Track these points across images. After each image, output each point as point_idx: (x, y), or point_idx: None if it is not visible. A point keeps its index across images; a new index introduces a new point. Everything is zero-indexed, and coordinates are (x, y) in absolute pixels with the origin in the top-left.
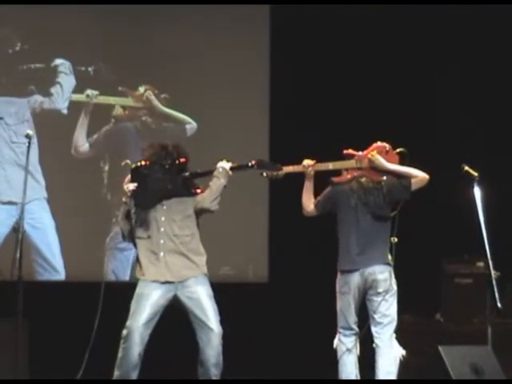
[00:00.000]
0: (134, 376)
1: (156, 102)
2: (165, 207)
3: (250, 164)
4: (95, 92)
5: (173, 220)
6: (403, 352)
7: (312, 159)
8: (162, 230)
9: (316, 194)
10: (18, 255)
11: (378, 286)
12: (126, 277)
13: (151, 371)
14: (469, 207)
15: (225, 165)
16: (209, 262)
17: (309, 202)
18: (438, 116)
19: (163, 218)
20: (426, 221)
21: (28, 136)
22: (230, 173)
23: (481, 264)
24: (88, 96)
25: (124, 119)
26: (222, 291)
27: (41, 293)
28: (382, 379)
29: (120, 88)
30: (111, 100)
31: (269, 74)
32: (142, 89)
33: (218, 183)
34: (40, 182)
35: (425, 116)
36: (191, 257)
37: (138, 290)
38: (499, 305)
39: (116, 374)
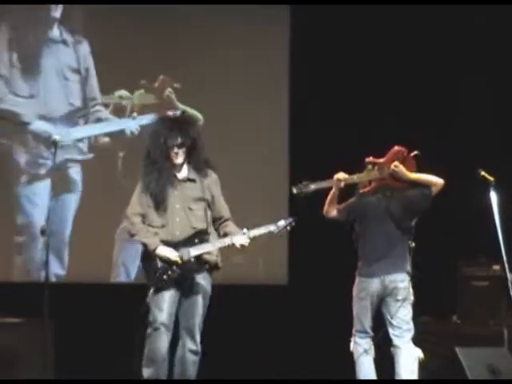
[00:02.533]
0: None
1: (175, 101)
2: None
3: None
4: (127, 93)
5: None
6: (421, 354)
7: (331, 165)
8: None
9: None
10: (44, 257)
11: (398, 293)
12: (135, 269)
13: None
14: (485, 211)
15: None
16: (226, 261)
17: (332, 208)
18: (455, 120)
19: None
20: (444, 224)
21: (54, 142)
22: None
23: (497, 267)
24: (121, 97)
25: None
26: (241, 293)
27: (66, 294)
28: (396, 379)
29: (142, 81)
30: (135, 99)
31: (288, 74)
32: (160, 78)
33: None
34: None
35: (442, 120)
36: None
37: None
38: None
39: None
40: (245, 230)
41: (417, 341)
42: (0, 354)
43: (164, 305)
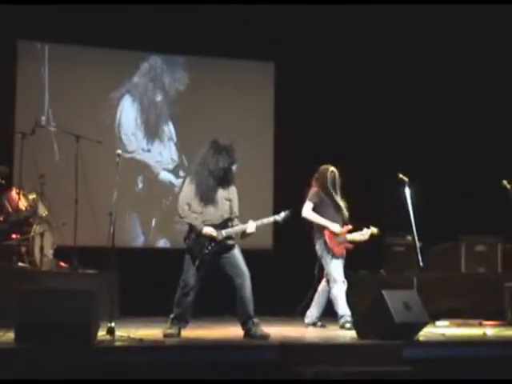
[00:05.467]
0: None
1: None
2: None
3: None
4: None
5: None
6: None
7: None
8: None
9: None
10: (111, 230)
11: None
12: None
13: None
14: (402, 200)
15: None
16: None
17: None
18: (387, 141)
19: None
20: (375, 209)
21: (118, 155)
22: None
23: (410, 238)
24: None
25: None
26: None
27: (128, 254)
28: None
29: None
30: None
31: (273, 113)
32: None
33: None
34: None
35: (377, 140)
36: None
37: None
38: (421, 264)
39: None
40: (256, 222)
41: (359, 286)
42: (83, 295)
43: (194, 271)
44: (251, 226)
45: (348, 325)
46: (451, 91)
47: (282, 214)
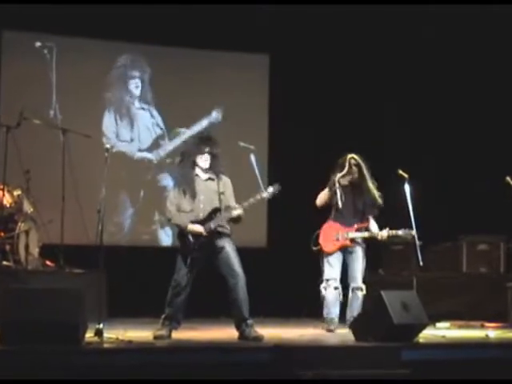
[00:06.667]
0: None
1: None
2: None
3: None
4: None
5: None
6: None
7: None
8: None
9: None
10: (100, 228)
11: None
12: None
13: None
14: (402, 197)
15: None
16: None
17: None
18: (387, 139)
19: None
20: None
21: (107, 150)
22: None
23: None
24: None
25: None
26: None
27: (116, 253)
28: None
29: None
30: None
31: (268, 105)
32: None
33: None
34: None
35: (376, 137)
36: None
37: None
38: (421, 263)
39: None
40: (241, 204)
41: None
42: (70, 294)
43: (186, 270)
44: (236, 210)
45: (332, 326)
46: (452, 89)
47: (270, 189)
